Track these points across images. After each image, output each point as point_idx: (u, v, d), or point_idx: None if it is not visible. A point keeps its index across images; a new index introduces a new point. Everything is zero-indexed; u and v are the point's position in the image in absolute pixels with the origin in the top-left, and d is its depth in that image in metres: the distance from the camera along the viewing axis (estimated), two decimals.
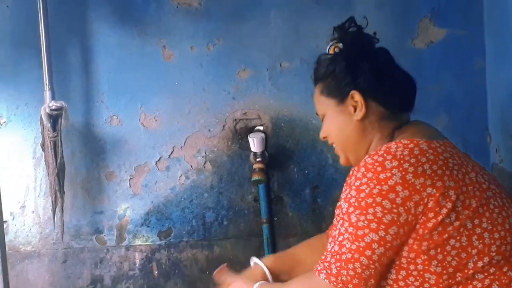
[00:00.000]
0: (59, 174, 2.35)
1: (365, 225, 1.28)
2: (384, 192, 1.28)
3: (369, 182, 1.29)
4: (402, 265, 1.33)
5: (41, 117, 2.31)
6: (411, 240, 1.30)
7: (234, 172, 2.50)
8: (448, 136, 1.50)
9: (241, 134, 2.48)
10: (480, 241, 1.31)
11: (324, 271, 1.30)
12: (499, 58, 2.26)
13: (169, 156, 2.49)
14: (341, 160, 1.58)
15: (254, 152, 2.43)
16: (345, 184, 1.38)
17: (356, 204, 1.29)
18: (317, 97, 1.57)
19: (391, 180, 1.28)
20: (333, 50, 1.58)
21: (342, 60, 1.50)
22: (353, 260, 1.27)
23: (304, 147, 2.48)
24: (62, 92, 2.40)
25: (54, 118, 2.31)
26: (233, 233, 2.50)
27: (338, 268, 1.28)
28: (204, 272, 2.48)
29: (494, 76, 2.33)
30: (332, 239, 1.33)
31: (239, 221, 2.51)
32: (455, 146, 1.45)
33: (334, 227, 1.35)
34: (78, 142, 2.47)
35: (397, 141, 1.37)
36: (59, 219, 2.38)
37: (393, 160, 1.31)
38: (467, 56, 2.42)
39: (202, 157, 2.49)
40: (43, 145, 2.35)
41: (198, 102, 2.47)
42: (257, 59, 2.46)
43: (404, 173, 1.29)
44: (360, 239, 1.28)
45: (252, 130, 2.47)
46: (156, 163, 2.49)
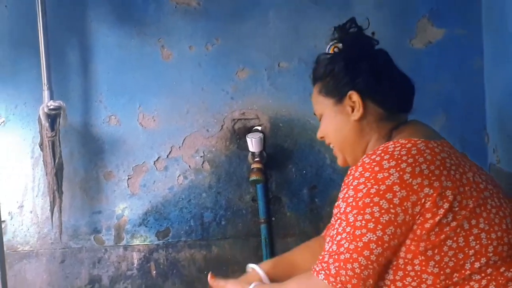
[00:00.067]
0: (57, 174, 2.35)
1: (363, 225, 1.28)
2: (382, 192, 1.28)
3: (367, 182, 1.29)
4: (400, 266, 1.32)
5: (40, 117, 2.31)
6: (409, 241, 1.30)
7: (232, 172, 2.50)
8: (446, 136, 1.50)
9: (239, 134, 2.48)
10: (477, 242, 1.31)
11: (323, 272, 1.30)
12: (497, 58, 2.26)
13: (168, 156, 2.49)
14: (339, 161, 1.58)
15: (252, 152, 2.43)
16: (343, 184, 1.38)
17: (354, 204, 1.29)
18: (315, 97, 1.57)
19: (389, 180, 1.28)
20: (333, 50, 1.59)
21: (341, 60, 1.50)
22: (352, 260, 1.27)
23: (302, 147, 2.48)
24: (61, 92, 2.40)
25: (53, 118, 2.31)
26: (231, 233, 2.50)
27: (337, 268, 1.28)
28: (202, 272, 2.48)
29: (492, 76, 2.33)
30: (330, 239, 1.32)
31: (237, 221, 2.51)
32: (452, 146, 1.45)
33: (332, 227, 1.35)
34: (77, 142, 2.47)
35: (395, 141, 1.37)
36: (57, 219, 2.38)
37: (391, 160, 1.31)
38: (465, 56, 2.42)
39: (200, 157, 2.49)
40: (42, 145, 2.35)
41: (197, 102, 2.47)
42: (256, 59, 2.45)
43: (402, 173, 1.29)
44: (358, 239, 1.27)
45: (250, 130, 2.47)
46: (155, 163, 2.49)
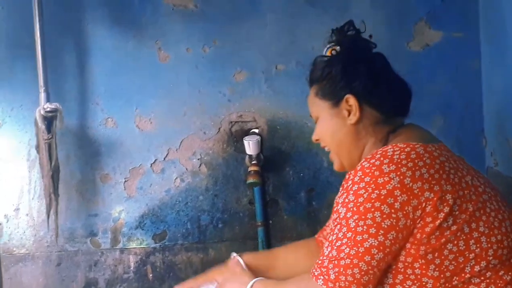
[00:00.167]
0: (54, 176, 2.34)
1: (364, 230, 1.27)
2: (383, 197, 1.27)
3: (367, 187, 1.29)
4: (400, 270, 1.32)
5: (36, 119, 2.30)
6: (409, 245, 1.30)
7: (230, 175, 2.49)
8: (444, 139, 1.50)
9: (237, 137, 2.48)
10: (477, 245, 1.31)
11: (322, 277, 1.29)
12: (495, 61, 2.26)
13: (164, 159, 2.48)
14: (335, 166, 1.57)
15: (250, 155, 2.42)
16: (342, 189, 1.38)
17: (355, 209, 1.29)
18: (312, 99, 1.56)
19: (389, 185, 1.28)
20: (330, 53, 1.58)
21: (339, 63, 1.50)
22: (352, 266, 1.26)
23: (300, 150, 2.48)
24: (57, 94, 2.39)
25: (49, 120, 2.30)
26: (228, 236, 2.49)
27: (336, 274, 1.27)
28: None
29: (490, 79, 2.33)
30: (329, 244, 1.31)
31: (234, 224, 2.50)
32: (450, 150, 1.45)
33: (331, 232, 1.33)
34: (73, 145, 2.46)
35: (393, 145, 1.37)
36: (54, 222, 2.36)
37: (391, 164, 1.30)
38: (463, 59, 2.42)
39: (198, 160, 2.48)
40: (38, 147, 2.34)
41: (194, 104, 2.46)
42: (253, 61, 2.45)
43: (402, 178, 1.28)
44: (359, 245, 1.27)
45: (248, 133, 2.46)
46: (151, 166, 2.48)
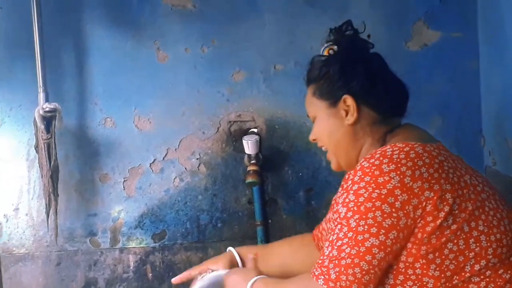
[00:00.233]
0: (53, 176, 2.34)
1: (365, 230, 1.26)
2: (383, 196, 1.27)
3: (367, 186, 1.28)
4: (400, 270, 1.32)
5: (35, 119, 2.30)
6: (410, 245, 1.30)
7: (228, 175, 2.49)
8: (442, 138, 1.50)
9: (235, 136, 2.48)
10: (477, 244, 1.31)
11: (322, 277, 1.29)
12: (493, 61, 2.27)
13: (163, 158, 2.48)
14: (333, 165, 1.57)
15: (248, 154, 2.42)
16: (341, 189, 1.38)
17: (355, 209, 1.28)
18: (309, 99, 1.56)
19: (390, 184, 1.27)
20: (328, 52, 1.58)
21: (337, 63, 1.50)
22: (353, 266, 1.26)
23: (298, 150, 2.48)
24: (56, 94, 2.39)
25: (48, 120, 2.30)
26: (227, 235, 2.50)
27: (337, 274, 1.27)
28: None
29: (488, 79, 2.34)
30: (330, 244, 1.31)
31: (233, 223, 2.50)
32: (448, 149, 1.45)
33: (332, 232, 1.33)
34: (72, 144, 2.46)
35: (392, 145, 1.37)
36: (53, 222, 2.37)
37: (390, 164, 1.30)
38: (461, 59, 2.43)
39: (196, 159, 2.49)
40: (37, 147, 2.34)
41: (193, 104, 2.47)
42: (252, 61, 2.45)
43: (402, 177, 1.28)
44: (360, 244, 1.26)
45: (247, 132, 2.46)
46: (150, 165, 2.48)
